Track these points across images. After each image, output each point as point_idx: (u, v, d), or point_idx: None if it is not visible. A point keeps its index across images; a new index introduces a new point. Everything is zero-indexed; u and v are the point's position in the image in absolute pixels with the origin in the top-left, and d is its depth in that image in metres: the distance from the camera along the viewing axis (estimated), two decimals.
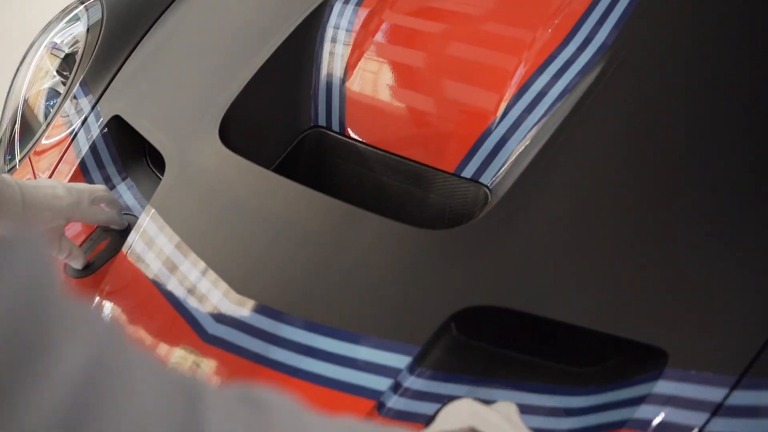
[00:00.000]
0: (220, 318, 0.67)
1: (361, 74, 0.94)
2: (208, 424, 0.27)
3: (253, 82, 0.90)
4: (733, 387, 0.54)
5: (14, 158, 0.99)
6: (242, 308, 0.66)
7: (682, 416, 0.53)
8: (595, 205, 0.67)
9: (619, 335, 0.58)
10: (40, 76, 1.08)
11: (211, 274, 0.69)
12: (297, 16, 0.98)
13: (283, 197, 0.73)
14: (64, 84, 1.05)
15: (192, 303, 0.69)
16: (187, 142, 0.83)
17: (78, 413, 0.24)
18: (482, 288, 0.62)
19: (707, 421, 0.53)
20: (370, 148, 0.88)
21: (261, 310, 0.65)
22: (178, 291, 0.70)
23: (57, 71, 1.07)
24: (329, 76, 0.95)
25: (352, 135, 0.91)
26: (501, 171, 0.79)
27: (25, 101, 1.05)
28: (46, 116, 1.02)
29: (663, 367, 0.56)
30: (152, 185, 0.89)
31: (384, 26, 0.96)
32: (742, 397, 0.54)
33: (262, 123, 0.92)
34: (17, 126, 1.03)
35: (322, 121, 0.93)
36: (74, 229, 0.85)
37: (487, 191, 0.79)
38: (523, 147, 0.79)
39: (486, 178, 0.80)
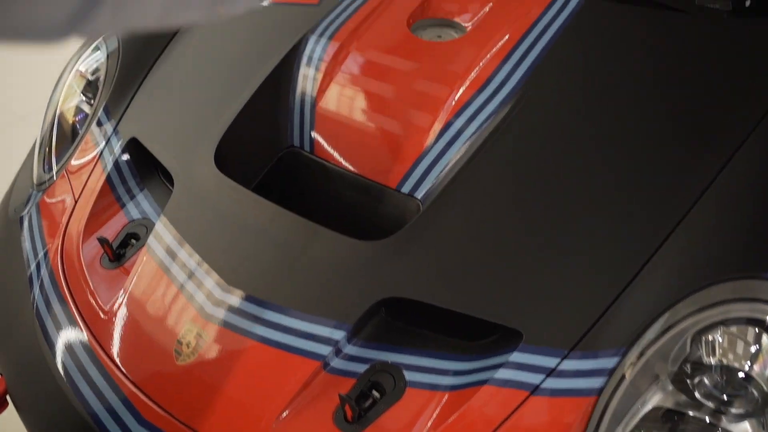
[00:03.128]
0: (214, 301, 0.92)
1: (329, 100, 1.17)
2: None
3: (243, 111, 1.13)
4: (564, 357, 0.79)
5: (52, 170, 1.23)
6: (229, 294, 0.92)
7: (525, 377, 0.79)
8: (483, 224, 0.92)
9: (491, 320, 0.83)
10: (69, 97, 1.31)
11: (207, 268, 0.95)
12: (280, 51, 1.21)
13: (258, 213, 0.98)
14: (88, 104, 1.29)
15: (192, 288, 0.95)
16: (190, 164, 1.08)
17: None
18: (398, 284, 0.88)
19: (542, 381, 0.79)
20: (332, 166, 1.12)
21: (244, 296, 0.91)
22: (183, 278, 0.96)
23: (82, 92, 1.31)
24: (303, 102, 1.18)
25: (320, 154, 1.15)
26: (430, 189, 1.03)
27: (59, 121, 1.29)
28: (74, 134, 1.27)
29: (519, 342, 0.81)
30: (164, 194, 1.14)
31: (350, 59, 1.19)
32: (568, 365, 0.79)
33: (250, 144, 1.16)
34: (53, 142, 1.27)
35: (296, 142, 1.17)
36: (106, 229, 1.11)
37: (419, 204, 1.04)
38: (447, 170, 1.03)
39: (419, 193, 1.04)
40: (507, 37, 1.14)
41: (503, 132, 1.01)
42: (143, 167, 1.17)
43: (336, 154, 1.13)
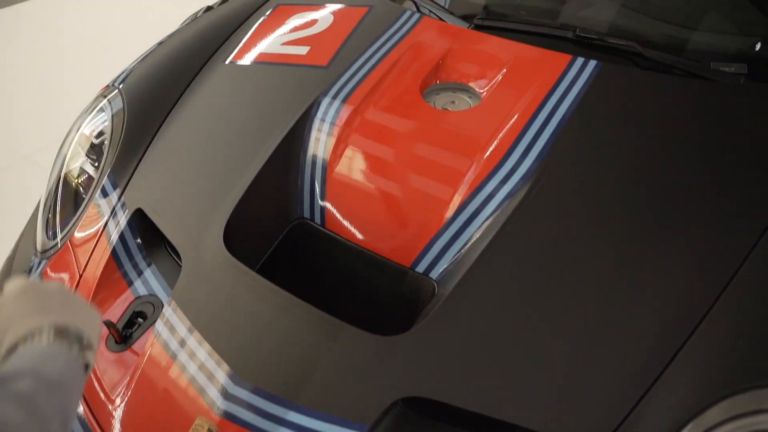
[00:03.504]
0: (226, 395, 0.89)
1: (340, 170, 1.14)
2: None
3: (254, 183, 1.10)
4: None
5: (56, 237, 1.20)
6: (242, 389, 0.89)
7: None
8: (503, 318, 0.89)
9: (512, 422, 0.81)
10: (74, 158, 1.28)
11: (218, 358, 0.92)
12: (290, 116, 1.18)
13: (270, 302, 0.95)
14: (93, 166, 1.26)
15: (203, 380, 0.91)
16: (198, 242, 1.05)
17: None
18: (416, 382, 0.85)
19: None
20: (344, 241, 1.09)
21: (257, 392, 0.88)
22: (193, 369, 0.93)
23: (87, 155, 1.28)
24: (313, 171, 1.15)
25: (331, 227, 1.12)
26: (446, 269, 1.00)
27: (63, 182, 1.26)
28: (78, 198, 1.24)
29: None
30: (171, 268, 1.11)
31: (362, 127, 1.16)
32: None
33: (260, 217, 1.12)
34: (58, 205, 1.24)
35: (307, 213, 1.14)
36: (113, 307, 1.07)
37: (435, 285, 1.01)
38: (464, 250, 1.00)
39: (434, 273, 1.01)
40: (523, 107, 1.12)
41: (523, 215, 0.98)
42: (149, 239, 1.14)
43: (347, 227, 1.10)
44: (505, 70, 1.19)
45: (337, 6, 1.45)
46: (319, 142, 1.16)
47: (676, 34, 1.29)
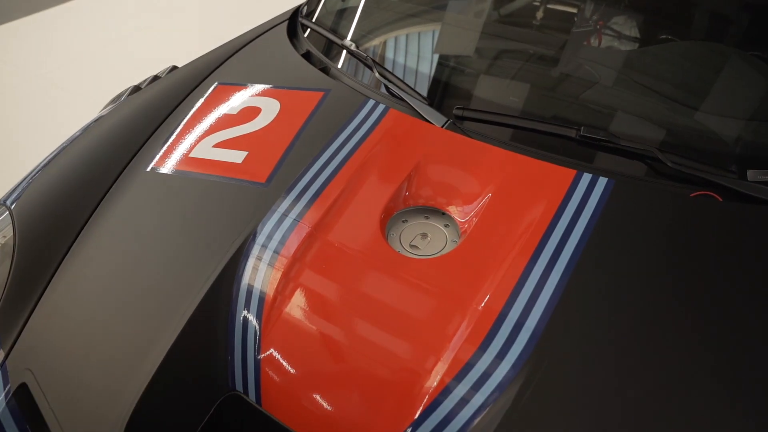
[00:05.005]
0: None
1: (279, 331, 0.88)
2: None
3: (172, 353, 0.85)
4: None
5: None
6: None
7: None
8: None
9: None
10: None
11: None
12: (218, 257, 0.92)
13: None
14: None
15: None
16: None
17: None
18: None
19: None
20: (284, 426, 0.84)
21: None
22: None
23: None
24: (245, 330, 0.90)
25: (268, 407, 0.86)
26: None
27: None
28: None
29: None
30: None
31: (299, 287, 0.89)
32: None
33: (180, 395, 0.87)
34: None
35: (239, 386, 0.89)
36: None
37: None
38: None
39: None
40: (516, 251, 0.85)
41: (516, 416, 0.72)
42: (34, 420, 0.89)
43: (288, 409, 0.85)
44: (490, 195, 0.93)
45: (288, 87, 1.18)
46: (252, 298, 0.90)
47: (702, 128, 1.02)
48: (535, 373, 0.75)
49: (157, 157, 1.11)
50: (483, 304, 0.81)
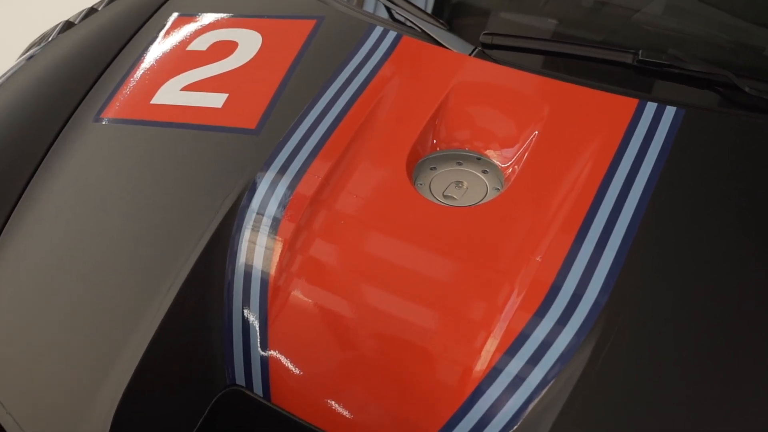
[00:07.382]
0: None
1: (289, 310, 0.70)
2: None
3: (154, 344, 0.66)
4: None
5: None
6: None
7: None
8: None
9: None
10: None
11: None
12: (205, 223, 0.72)
13: None
14: None
15: None
16: None
17: None
18: None
19: None
20: (296, 420, 0.68)
21: None
22: None
23: None
24: (245, 322, 0.71)
25: (280, 401, 0.69)
26: None
27: None
28: None
29: None
30: None
31: (311, 257, 0.72)
32: None
33: (169, 393, 0.69)
34: None
35: (239, 379, 0.71)
36: None
37: None
38: None
39: None
40: (576, 193, 0.70)
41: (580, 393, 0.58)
42: None
43: (305, 403, 0.68)
44: (536, 132, 0.77)
45: (268, 16, 0.97)
46: (252, 282, 0.71)
47: None
48: (603, 341, 0.61)
49: (110, 105, 0.89)
50: (539, 259, 0.66)
